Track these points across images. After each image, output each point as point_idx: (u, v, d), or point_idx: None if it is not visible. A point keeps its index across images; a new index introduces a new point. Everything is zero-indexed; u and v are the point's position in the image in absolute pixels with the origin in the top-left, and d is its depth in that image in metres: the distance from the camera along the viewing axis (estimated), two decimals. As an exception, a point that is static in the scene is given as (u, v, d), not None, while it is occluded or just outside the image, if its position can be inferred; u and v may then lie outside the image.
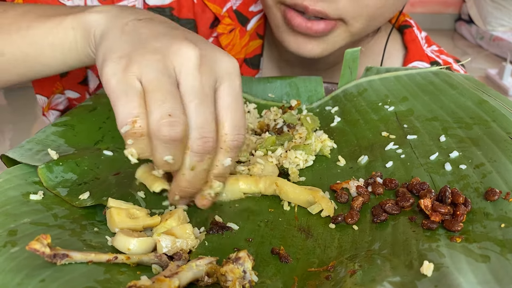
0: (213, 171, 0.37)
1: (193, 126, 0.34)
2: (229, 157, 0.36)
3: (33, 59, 0.45)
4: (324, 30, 0.54)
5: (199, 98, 0.34)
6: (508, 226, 0.32)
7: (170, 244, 0.32)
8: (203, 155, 0.35)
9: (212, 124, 0.34)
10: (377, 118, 0.51)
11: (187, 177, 0.35)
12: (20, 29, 0.45)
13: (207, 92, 0.34)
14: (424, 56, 0.68)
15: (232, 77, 0.36)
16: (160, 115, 0.32)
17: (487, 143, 0.41)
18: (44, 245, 0.28)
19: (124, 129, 0.33)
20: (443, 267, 0.28)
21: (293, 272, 0.32)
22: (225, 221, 0.36)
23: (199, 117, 0.34)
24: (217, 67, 0.35)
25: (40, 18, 0.44)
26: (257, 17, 0.70)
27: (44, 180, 0.38)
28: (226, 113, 0.35)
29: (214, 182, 0.37)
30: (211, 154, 0.35)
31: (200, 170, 0.35)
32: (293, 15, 0.54)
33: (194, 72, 0.34)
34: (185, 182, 0.36)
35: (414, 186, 0.38)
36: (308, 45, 0.56)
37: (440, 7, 3.75)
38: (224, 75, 0.35)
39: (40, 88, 0.61)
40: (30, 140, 0.43)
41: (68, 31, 0.43)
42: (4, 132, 2.13)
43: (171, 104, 0.32)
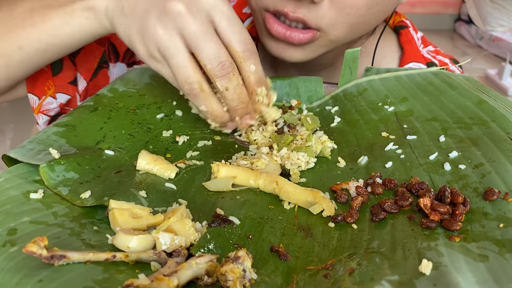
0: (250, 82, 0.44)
1: (206, 58, 0.42)
2: (251, 64, 0.43)
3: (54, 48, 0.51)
4: (302, 40, 0.54)
5: (200, 37, 0.41)
6: (506, 226, 0.32)
7: (169, 241, 0.32)
8: (227, 75, 0.42)
9: (221, 49, 0.42)
10: (377, 118, 0.51)
11: (229, 96, 0.44)
12: (34, 23, 0.50)
13: (205, 27, 0.41)
14: (420, 57, 0.68)
15: (219, 6, 0.42)
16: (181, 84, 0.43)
17: (486, 143, 0.41)
18: (41, 247, 0.28)
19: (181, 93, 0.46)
20: (442, 266, 0.28)
21: (292, 270, 0.32)
22: (226, 214, 0.36)
23: (208, 50, 0.41)
24: (202, 4, 0.42)
25: (50, 10, 0.50)
26: (250, 19, 0.70)
27: (45, 179, 0.38)
28: (227, 34, 0.42)
29: (257, 89, 0.45)
30: (234, 71, 0.43)
31: (234, 86, 0.43)
32: (273, 23, 0.54)
33: (187, 19, 0.41)
34: (231, 102, 0.44)
35: (413, 185, 0.38)
36: (288, 51, 0.57)
37: (439, 8, 3.75)
38: (211, 7, 0.42)
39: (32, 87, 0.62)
40: (31, 140, 0.43)
41: (82, 20, 0.49)
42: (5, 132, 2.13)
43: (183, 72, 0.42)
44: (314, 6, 0.52)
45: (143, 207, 0.36)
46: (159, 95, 0.54)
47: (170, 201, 0.39)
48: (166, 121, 0.50)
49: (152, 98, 0.53)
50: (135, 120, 0.49)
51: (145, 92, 0.54)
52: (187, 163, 0.44)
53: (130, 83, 0.56)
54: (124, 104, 0.51)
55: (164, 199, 0.39)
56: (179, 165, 0.44)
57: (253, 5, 0.57)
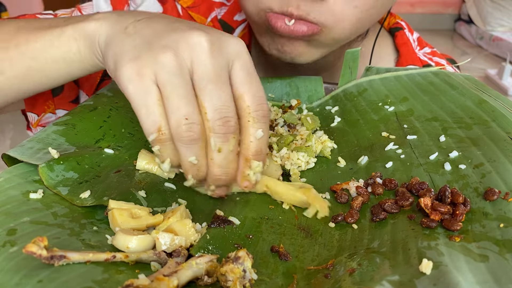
0: (250, 150, 0.37)
1: (212, 109, 0.35)
2: (259, 128, 0.36)
3: (36, 73, 0.45)
4: (306, 33, 0.52)
5: (213, 82, 0.35)
6: (507, 226, 0.32)
7: (169, 242, 0.32)
8: (226, 135, 0.35)
9: (230, 103, 0.35)
10: (377, 118, 0.51)
11: (216, 161, 0.36)
12: (19, 44, 0.44)
13: (220, 74, 0.35)
14: (416, 59, 0.68)
15: (242, 55, 0.37)
16: (178, 121, 0.34)
17: (486, 143, 0.41)
18: (41, 248, 0.28)
19: (151, 138, 0.35)
20: (442, 265, 0.28)
21: (292, 270, 0.32)
22: (226, 214, 0.36)
23: (216, 99, 0.35)
24: (226, 49, 0.36)
25: (38, 32, 0.44)
26: (241, 26, 0.69)
27: (45, 179, 0.38)
28: (243, 86, 0.36)
29: (252, 162, 0.37)
30: (235, 134, 0.36)
31: (228, 151, 0.36)
32: (277, 19, 0.52)
33: (206, 57, 0.35)
34: (216, 168, 0.36)
35: (414, 185, 0.38)
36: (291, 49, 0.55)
37: (439, 7, 3.76)
38: (234, 55, 0.36)
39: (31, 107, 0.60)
40: (31, 139, 0.43)
41: (70, 43, 0.42)
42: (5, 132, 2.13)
43: (185, 107, 0.34)
44: (319, 2, 0.50)
45: (142, 207, 0.36)
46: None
47: (170, 201, 0.39)
48: (166, 120, 0.50)
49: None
50: (135, 119, 0.48)
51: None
52: None
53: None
54: (124, 103, 0.51)
55: (163, 199, 0.39)
56: None
57: (250, 8, 0.55)
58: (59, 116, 0.63)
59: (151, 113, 0.34)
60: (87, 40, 0.41)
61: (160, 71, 0.34)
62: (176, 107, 0.34)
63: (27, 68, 0.44)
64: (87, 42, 0.42)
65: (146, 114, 0.35)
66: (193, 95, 0.35)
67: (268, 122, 0.37)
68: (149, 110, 0.34)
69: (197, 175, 0.37)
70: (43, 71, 0.44)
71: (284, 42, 0.55)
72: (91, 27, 0.41)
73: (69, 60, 0.43)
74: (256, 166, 0.37)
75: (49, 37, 0.43)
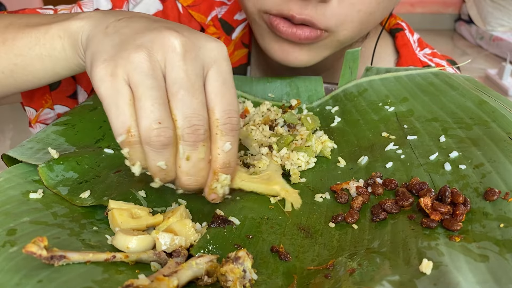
0: (217, 162, 0.36)
1: (182, 116, 0.34)
2: (227, 141, 0.36)
3: (21, 70, 0.44)
4: (310, 37, 0.52)
5: (185, 88, 0.34)
6: (507, 226, 0.32)
7: (169, 242, 0.32)
8: (196, 143, 0.35)
9: (200, 111, 0.34)
10: (377, 118, 0.51)
11: (184, 168, 0.35)
12: (6, 40, 0.44)
13: (193, 80, 0.34)
14: (416, 60, 0.67)
15: (219, 62, 0.36)
16: (148, 124, 0.33)
17: (487, 143, 0.41)
18: (41, 248, 0.28)
19: (120, 139, 0.34)
20: (442, 265, 0.28)
21: (292, 270, 0.32)
22: (226, 214, 0.36)
23: (187, 107, 0.34)
24: (202, 53, 0.35)
25: (25, 29, 0.44)
26: (242, 25, 0.69)
27: (44, 179, 0.38)
28: (215, 98, 0.35)
29: (220, 175, 0.37)
30: (205, 142, 0.35)
31: (196, 160, 0.35)
32: (279, 22, 0.52)
33: (179, 62, 0.34)
34: (184, 175, 0.36)
35: (414, 186, 0.38)
36: (293, 53, 0.54)
37: (440, 7, 3.76)
38: (211, 61, 0.35)
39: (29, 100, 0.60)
40: (31, 139, 0.43)
41: (55, 41, 0.42)
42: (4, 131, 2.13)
43: (158, 111, 0.33)
44: (322, 6, 0.49)
45: (142, 207, 0.36)
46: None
47: (170, 201, 0.39)
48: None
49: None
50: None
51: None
52: None
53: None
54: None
55: (163, 199, 0.39)
56: None
57: (251, 9, 0.54)
58: (57, 112, 0.63)
59: (120, 114, 0.33)
60: (70, 39, 0.41)
61: (133, 71, 0.33)
62: (148, 110, 0.33)
63: (13, 65, 0.44)
64: (70, 40, 0.41)
65: (115, 115, 0.34)
66: (165, 98, 0.34)
67: (237, 135, 0.37)
68: (118, 110, 0.33)
69: (164, 179, 0.36)
70: (28, 68, 0.44)
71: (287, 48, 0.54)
72: (75, 26, 0.41)
73: (54, 58, 0.43)
74: (223, 179, 0.37)
75: (35, 35, 0.43)
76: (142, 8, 0.65)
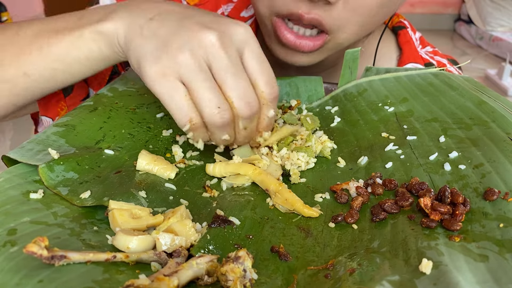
0: (262, 125, 0.44)
1: (237, 96, 0.40)
2: (271, 109, 0.42)
3: (61, 74, 0.48)
4: (312, 49, 0.54)
5: (231, 73, 0.39)
6: (506, 226, 0.32)
7: (169, 242, 0.32)
8: (251, 116, 0.41)
9: (250, 88, 0.40)
10: (377, 118, 0.51)
11: (243, 134, 0.43)
12: (42, 48, 0.47)
13: (235, 63, 0.40)
14: (418, 57, 0.68)
15: (249, 42, 0.41)
16: (210, 111, 0.39)
17: (486, 143, 0.41)
18: (42, 248, 0.28)
19: (185, 128, 0.40)
20: (442, 265, 0.28)
21: (292, 270, 0.32)
22: (226, 214, 0.36)
23: (239, 87, 0.40)
24: (235, 39, 0.40)
25: (57, 34, 0.47)
26: (248, 22, 0.69)
27: (45, 180, 0.38)
28: (256, 74, 0.41)
29: (264, 133, 0.44)
30: (257, 114, 0.42)
31: (252, 127, 0.43)
32: (283, 31, 0.54)
33: (220, 52, 0.39)
34: (242, 139, 0.43)
35: (413, 186, 0.38)
36: (296, 57, 0.57)
37: (439, 8, 3.76)
38: (242, 43, 0.41)
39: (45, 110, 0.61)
40: (31, 140, 0.43)
41: (90, 44, 0.46)
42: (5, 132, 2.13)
43: (215, 98, 0.39)
44: (329, 7, 0.51)
45: (143, 207, 0.36)
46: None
47: (170, 201, 0.39)
48: (166, 120, 0.50)
49: (152, 97, 0.53)
50: (135, 119, 0.49)
51: (144, 91, 0.54)
52: (187, 163, 0.44)
53: (129, 82, 0.56)
54: (124, 103, 0.51)
55: (164, 199, 0.39)
56: (179, 165, 0.44)
57: (261, 10, 0.56)
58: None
59: (180, 108, 0.39)
60: (106, 41, 0.45)
61: (183, 69, 0.38)
62: (207, 99, 0.39)
63: (52, 70, 0.47)
64: (106, 42, 0.45)
65: (176, 109, 0.39)
66: (216, 85, 0.39)
67: (277, 100, 0.43)
68: (178, 105, 0.39)
69: (228, 143, 0.44)
70: (68, 71, 0.48)
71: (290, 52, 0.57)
72: (108, 28, 0.44)
73: (92, 59, 0.47)
74: (266, 136, 0.45)
75: (69, 39, 0.46)
76: None
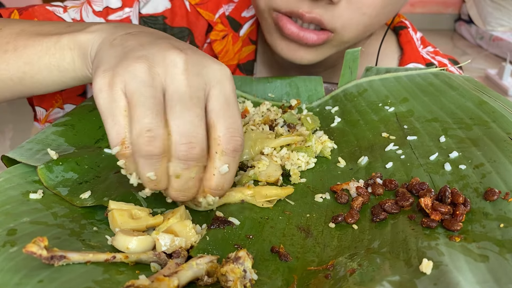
0: (210, 183, 0.34)
1: (177, 131, 0.32)
2: (225, 163, 0.34)
3: (30, 78, 0.45)
4: (316, 42, 0.54)
5: (183, 102, 0.32)
6: (507, 226, 0.32)
7: (169, 242, 0.32)
8: (189, 162, 0.33)
9: (199, 128, 0.32)
10: (377, 118, 0.51)
11: (174, 185, 0.34)
12: (17, 48, 0.44)
13: (193, 96, 0.33)
14: (419, 57, 0.68)
15: (223, 82, 0.34)
16: (139, 131, 0.31)
17: (487, 143, 0.41)
18: (41, 248, 0.28)
19: (114, 151, 0.33)
20: (442, 265, 0.28)
21: (292, 270, 0.32)
22: (226, 215, 0.36)
23: (184, 122, 0.32)
24: (206, 72, 0.34)
25: (37, 37, 0.44)
26: (249, 22, 0.70)
27: (44, 180, 0.38)
28: (218, 115, 0.33)
29: (208, 196, 0.35)
30: (199, 162, 0.33)
31: (188, 178, 0.33)
32: (286, 23, 0.53)
33: (180, 76, 0.33)
34: (173, 191, 0.34)
35: (414, 186, 0.38)
36: (300, 52, 0.56)
37: (439, 7, 3.76)
38: (214, 81, 0.34)
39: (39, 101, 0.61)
40: (30, 140, 0.43)
41: (65, 52, 0.42)
42: (4, 132, 2.13)
43: (150, 118, 0.31)
44: (331, 6, 0.51)
45: (142, 208, 0.36)
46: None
47: (170, 202, 0.39)
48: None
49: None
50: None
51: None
52: None
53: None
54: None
55: (163, 200, 0.39)
56: None
57: (261, 6, 0.56)
58: (67, 111, 0.63)
59: (115, 124, 0.32)
60: (80, 51, 0.41)
61: (130, 80, 0.32)
62: (139, 115, 0.31)
63: (22, 73, 0.44)
64: (80, 52, 0.41)
65: (111, 124, 0.32)
66: (161, 109, 0.32)
67: (238, 157, 0.34)
68: (114, 120, 0.32)
69: (155, 189, 0.34)
70: (36, 77, 0.44)
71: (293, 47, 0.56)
72: (85, 38, 0.40)
73: (63, 69, 0.43)
74: (210, 201, 0.36)
75: (46, 44, 0.43)
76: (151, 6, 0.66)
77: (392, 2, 0.54)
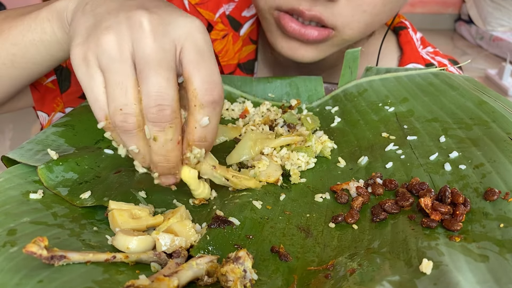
0: (193, 136, 0.34)
1: (147, 95, 0.32)
2: (205, 115, 0.33)
3: (20, 59, 0.45)
4: (318, 38, 0.54)
5: (150, 65, 0.32)
6: (507, 226, 0.32)
7: (169, 242, 0.32)
8: (162, 124, 0.33)
9: (168, 89, 0.32)
10: (377, 118, 0.51)
11: (154, 148, 0.34)
12: (2, 31, 0.44)
13: (161, 56, 0.32)
14: (419, 58, 0.68)
15: (194, 36, 0.33)
16: (113, 110, 0.32)
17: (487, 143, 0.41)
18: (41, 248, 0.28)
19: (100, 125, 0.34)
20: (442, 265, 0.28)
21: (292, 270, 0.32)
22: (226, 215, 0.36)
23: (152, 85, 0.32)
24: (172, 30, 0.33)
25: (19, 17, 0.44)
26: (250, 22, 0.70)
27: (44, 180, 0.38)
28: (191, 68, 0.33)
29: (194, 148, 0.35)
30: (172, 123, 0.33)
31: (165, 140, 0.33)
32: (288, 21, 0.53)
33: (145, 39, 0.32)
34: (154, 156, 0.34)
35: (414, 186, 0.38)
36: (301, 50, 0.56)
37: (439, 7, 3.76)
38: (183, 36, 0.33)
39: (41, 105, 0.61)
40: (30, 140, 0.43)
41: (44, 24, 0.42)
42: (4, 132, 2.13)
43: (121, 97, 0.32)
44: (331, 4, 0.51)
45: (142, 207, 0.36)
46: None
47: (170, 202, 0.39)
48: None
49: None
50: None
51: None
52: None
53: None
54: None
55: (163, 199, 0.39)
56: None
57: (262, 5, 0.56)
58: None
59: (96, 100, 0.33)
60: (58, 20, 0.41)
61: (101, 55, 0.32)
62: (112, 96, 0.32)
63: (12, 55, 0.44)
64: (58, 21, 0.41)
65: (93, 101, 0.33)
66: (132, 81, 0.32)
67: (219, 108, 0.34)
68: (95, 97, 0.33)
69: (143, 162, 0.35)
70: (26, 56, 0.44)
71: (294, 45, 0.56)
72: (60, 5, 0.40)
73: (47, 43, 0.43)
74: (197, 153, 0.35)
75: (27, 21, 0.43)
76: None
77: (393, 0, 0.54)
